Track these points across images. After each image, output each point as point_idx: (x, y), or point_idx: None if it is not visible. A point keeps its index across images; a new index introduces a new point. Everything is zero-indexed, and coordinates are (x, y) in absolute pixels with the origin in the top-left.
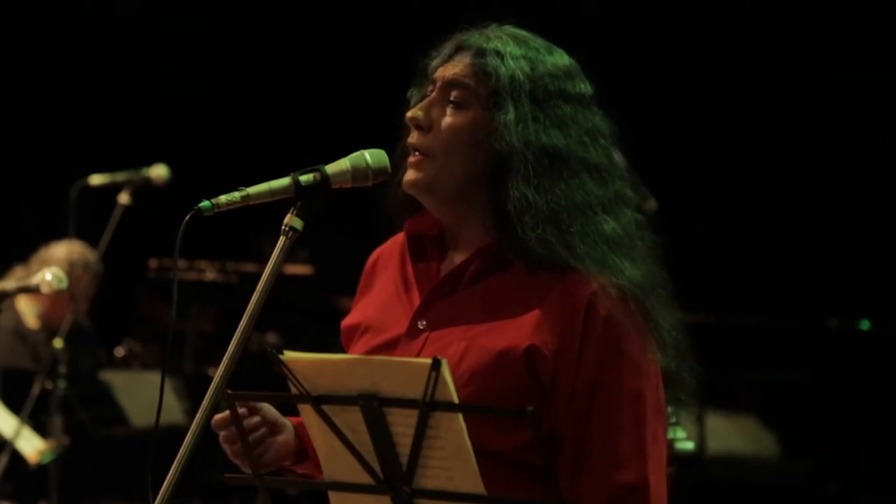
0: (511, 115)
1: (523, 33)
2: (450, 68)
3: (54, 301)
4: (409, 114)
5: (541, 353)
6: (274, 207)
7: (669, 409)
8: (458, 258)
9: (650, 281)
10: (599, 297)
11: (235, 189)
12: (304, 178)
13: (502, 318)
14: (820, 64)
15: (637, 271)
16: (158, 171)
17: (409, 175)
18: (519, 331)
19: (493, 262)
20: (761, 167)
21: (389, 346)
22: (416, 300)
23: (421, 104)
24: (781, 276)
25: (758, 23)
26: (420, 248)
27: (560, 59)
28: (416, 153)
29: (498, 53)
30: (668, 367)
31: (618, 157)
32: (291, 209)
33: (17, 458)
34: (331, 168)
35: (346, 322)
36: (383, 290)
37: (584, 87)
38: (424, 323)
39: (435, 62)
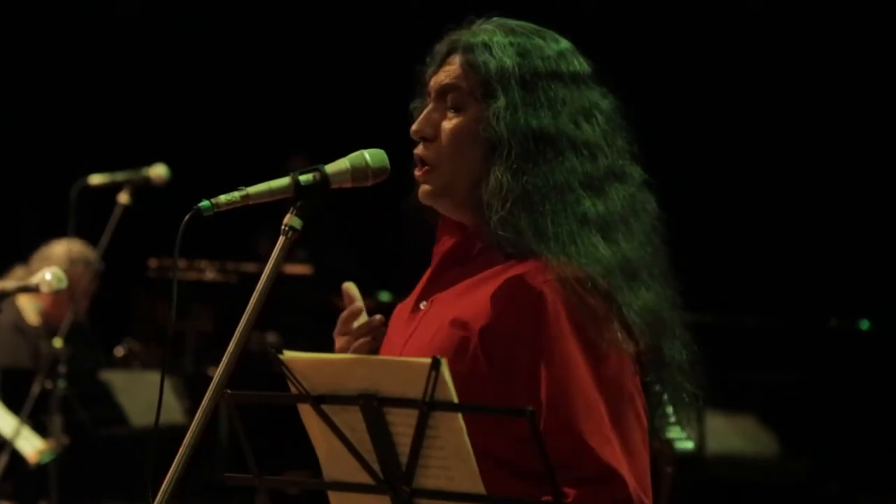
0: (501, 103)
1: (511, 22)
2: (442, 74)
3: (55, 299)
4: (413, 128)
5: (492, 338)
6: (273, 207)
7: (669, 408)
8: None
9: (626, 260)
10: (554, 286)
11: (235, 189)
12: (304, 177)
13: (472, 302)
14: (820, 63)
15: (608, 251)
16: (158, 171)
17: (421, 189)
18: (478, 315)
19: (474, 245)
20: (761, 166)
21: (401, 325)
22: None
23: (422, 116)
24: (781, 276)
25: (758, 22)
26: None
27: (551, 41)
28: (423, 166)
29: (485, 45)
30: (638, 350)
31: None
32: (291, 209)
33: (17, 457)
34: (330, 168)
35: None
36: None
37: (580, 66)
38: (426, 303)
39: (430, 70)
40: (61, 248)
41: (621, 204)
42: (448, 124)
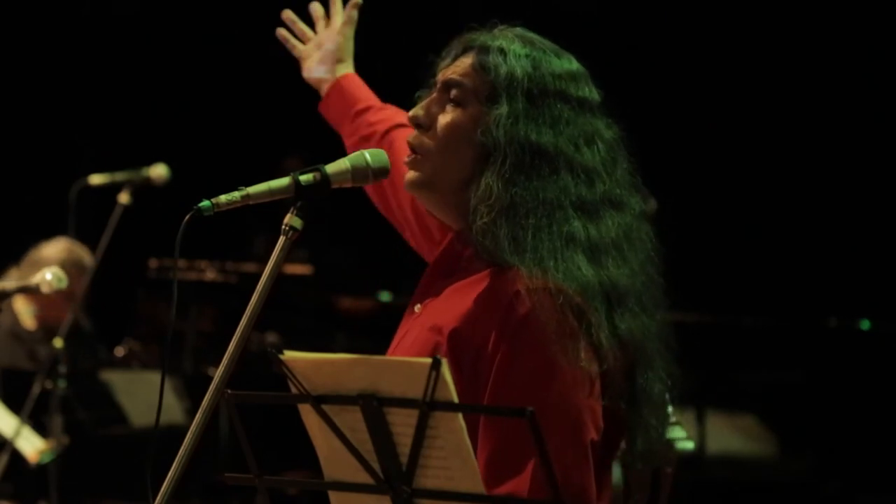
0: (503, 110)
1: (531, 35)
2: (451, 69)
3: (50, 301)
4: (409, 113)
5: (460, 344)
6: (273, 207)
7: (670, 408)
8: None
9: (612, 285)
10: (522, 297)
11: (235, 189)
12: (304, 177)
13: (451, 307)
14: (820, 64)
15: (591, 272)
16: (158, 171)
17: (407, 175)
18: (450, 321)
19: (463, 250)
20: (761, 167)
21: (401, 326)
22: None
23: (421, 104)
24: (780, 275)
25: (758, 23)
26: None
27: (567, 62)
28: (412, 153)
29: (501, 51)
30: (604, 372)
31: (624, 163)
32: (291, 209)
33: (17, 457)
34: (331, 168)
35: None
36: None
37: (590, 93)
38: (419, 307)
39: (443, 63)
40: (53, 251)
41: (615, 231)
42: (444, 117)
